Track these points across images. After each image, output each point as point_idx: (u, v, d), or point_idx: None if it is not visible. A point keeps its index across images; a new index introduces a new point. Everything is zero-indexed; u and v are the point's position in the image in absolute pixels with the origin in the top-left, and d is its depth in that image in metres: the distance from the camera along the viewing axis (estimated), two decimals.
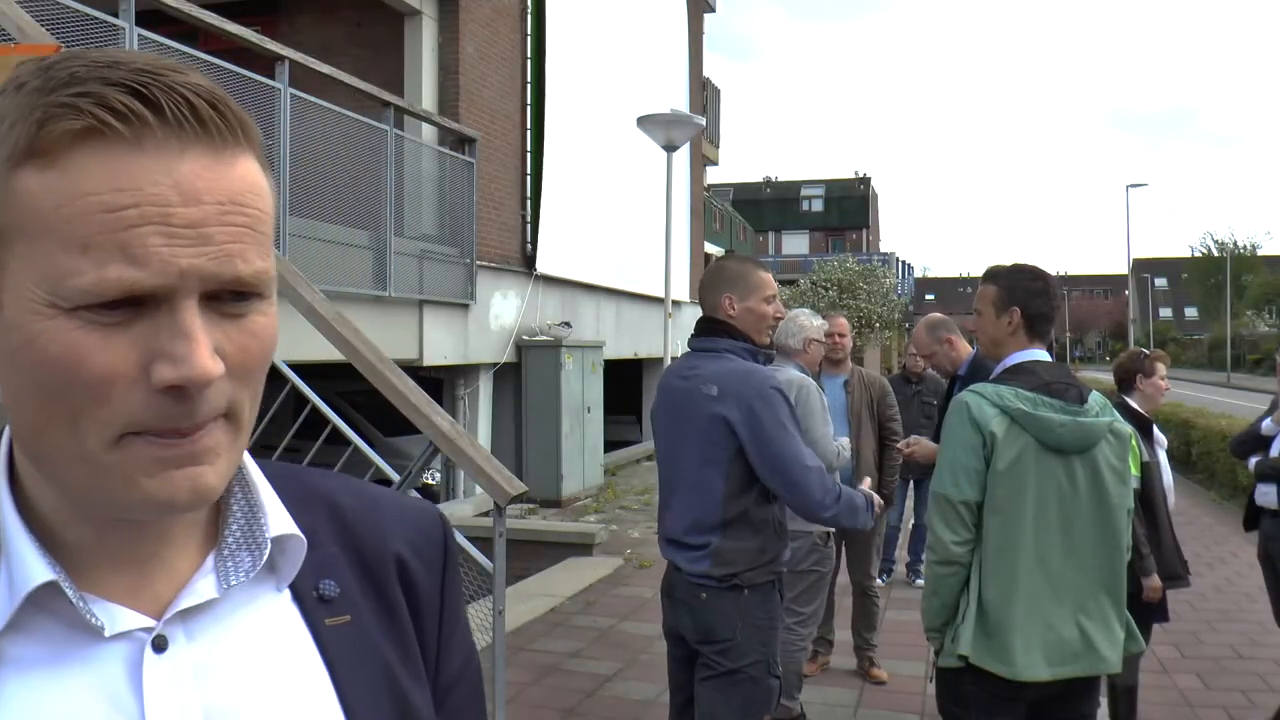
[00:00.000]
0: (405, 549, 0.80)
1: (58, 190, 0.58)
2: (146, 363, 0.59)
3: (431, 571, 0.81)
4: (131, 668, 0.64)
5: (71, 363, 0.58)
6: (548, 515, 10.56)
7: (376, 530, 0.79)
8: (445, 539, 0.84)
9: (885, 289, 32.72)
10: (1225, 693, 5.46)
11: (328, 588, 0.75)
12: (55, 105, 0.58)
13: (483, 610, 5.63)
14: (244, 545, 0.71)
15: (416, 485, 3.78)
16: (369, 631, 0.75)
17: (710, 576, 3.03)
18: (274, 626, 0.72)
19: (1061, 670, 2.72)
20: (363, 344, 3.82)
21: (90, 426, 0.60)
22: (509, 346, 11.38)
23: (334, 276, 7.73)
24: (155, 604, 0.67)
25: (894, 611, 6.70)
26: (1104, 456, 2.77)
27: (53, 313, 0.58)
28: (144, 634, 0.65)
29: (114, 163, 0.58)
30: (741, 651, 3.00)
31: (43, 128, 0.58)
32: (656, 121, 9.28)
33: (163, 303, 0.59)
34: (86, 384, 0.59)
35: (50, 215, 0.58)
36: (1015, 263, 3.06)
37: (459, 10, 10.65)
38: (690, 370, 3.16)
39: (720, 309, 3.16)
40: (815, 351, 4.76)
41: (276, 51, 7.33)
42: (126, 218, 0.58)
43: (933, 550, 2.81)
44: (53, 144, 0.58)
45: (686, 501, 3.11)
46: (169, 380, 0.59)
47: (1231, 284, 57.65)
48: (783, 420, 2.98)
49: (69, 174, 0.58)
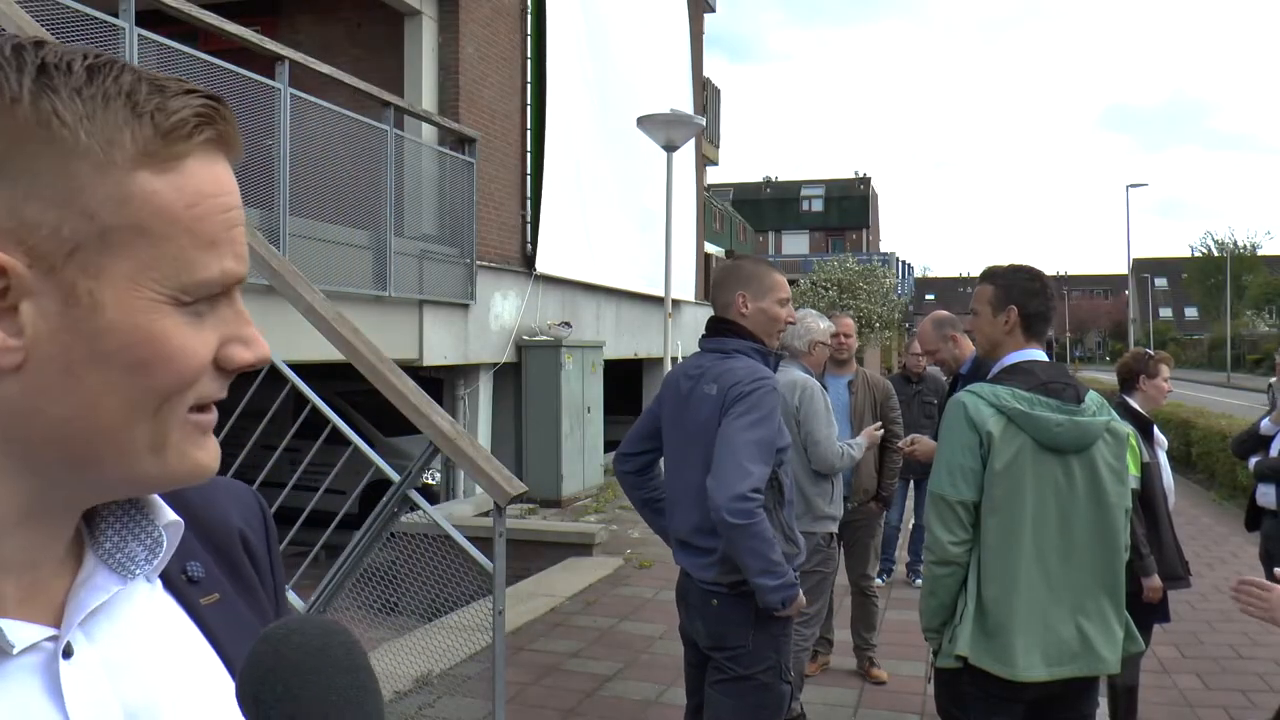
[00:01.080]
0: (242, 524, 0.84)
1: (185, 192, 0.62)
2: (219, 347, 0.65)
3: (261, 541, 0.85)
4: (45, 679, 0.63)
5: (190, 352, 0.63)
6: (548, 515, 10.56)
7: (217, 510, 0.82)
8: (263, 510, 0.88)
9: (885, 289, 32.73)
10: (1225, 693, 5.46)
11: (194, 569, 0.76)
12: (188, 113, 0.62)
13: (483, 610, 5.64)
14: (130, 537, 0.71)
15: (416, 485, 3.78)
16: (236, 606, 0.78)
17: (719, 584, 3.00)
18: (156, 614, 0.72)
19: (1059, 670, 2.72)
20: (363, 344, 3.82)
21: (174, 412, 0.64)
22: (509, 346, 11.37)
23: (334, 276, 7.72)
24: (49, 610, 0.66)
25: (894, 612, 6.71)
26: (1101, 456, 2.78)
27: (170, 309, 0.62)
28: (49, 644, 0.64)
29: (214, 170, 0.64)
30: (754, 658, 2.98)
31: (169, 134, 0.62)
32: (657, 121, 9.28)
33: (221, 295, 0.66)
34: (194, 373, 0.64)
35: (182, 215, 0.62)
36: (1012, 263, 3.06)
37: (459, 10, 10.65)
38: (696, 369, 3.14)
39: (733, 307, 3.13)
40: (820, 354, 4.77)
41: (276, 52, 7.33)
42: (233, 218, 0.65)
43: (930, 551, 2.81)
44: (178, 151, 0.62)
45: (691, 504, 3.08)
46: (247, 362, 0.67)
47: (1231, 284, 57.66)
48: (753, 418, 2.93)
49: (190, 177, 0.63)
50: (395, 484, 3.74)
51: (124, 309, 0.60)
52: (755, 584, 2.90)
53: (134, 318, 0.61)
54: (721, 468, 2.89)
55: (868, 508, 5.47)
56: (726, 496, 2.85)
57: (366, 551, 3.77)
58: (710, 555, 3.01)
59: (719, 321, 3.17)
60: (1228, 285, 56.00)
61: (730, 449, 2.90)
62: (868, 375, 5.55)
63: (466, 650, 5.77)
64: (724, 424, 2.94)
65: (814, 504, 4.56)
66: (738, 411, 2.93)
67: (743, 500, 2.84)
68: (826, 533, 4.63)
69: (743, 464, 2.88)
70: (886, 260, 49.42)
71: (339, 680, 0.61)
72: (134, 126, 0.60)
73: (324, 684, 0.60)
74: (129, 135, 0.60)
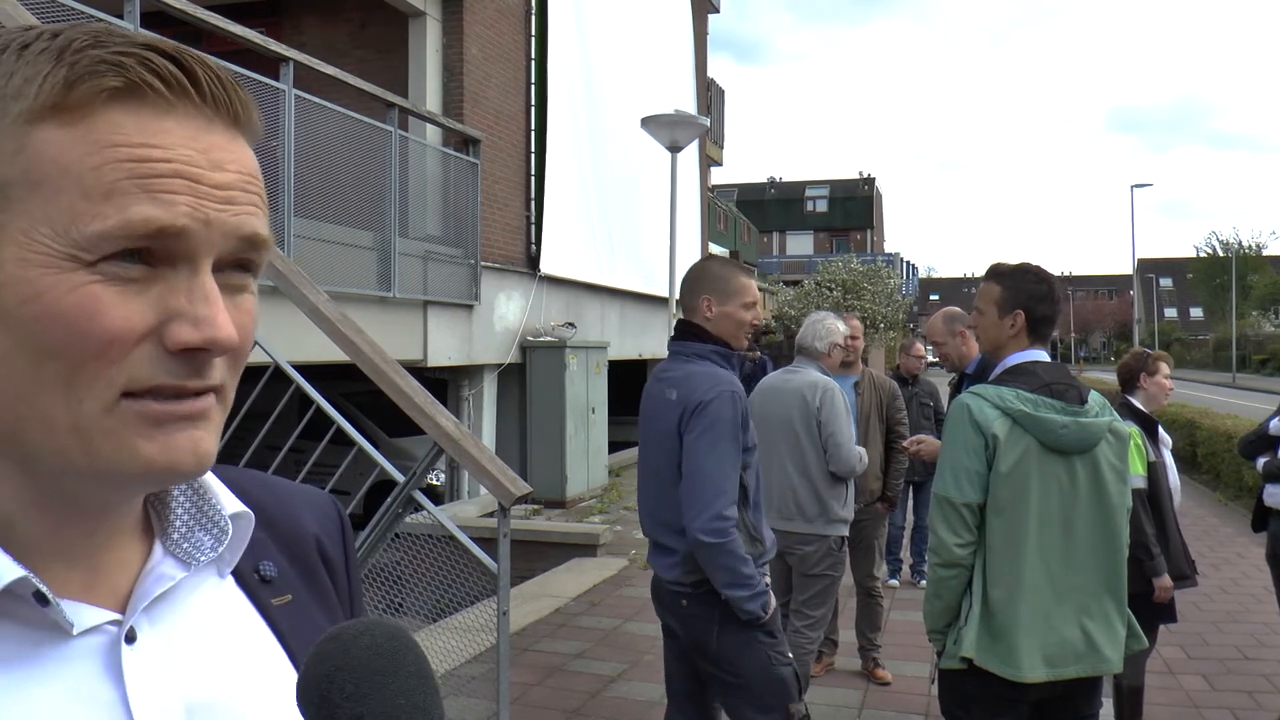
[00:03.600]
0: (318, 530, 0.83)
1: (86, 140, 0.58)
2: (161, 324, 0.59)
3: (337, 548, 0.84)
4: (106, 663, 0.63)
5: (86, 316, 0.57)
6: (552, 516, 10.56)
7: (292, 514, 0.81)
8: (340, 518, 0.87)
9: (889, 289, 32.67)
10: (1231, 694, 5.44)
11: (267, 569, 0.76)
12: (96, 62, 0.58)
13: (487, 611, 5.64)
14: (197, 526, 0.71)
15: (421, 486, 3.78)
16: (309, 609, 0.77)
17: (683, 584, 3.02)
18: (225, 610, 0.71)
19: (1064, 671, 2.72)
20: (367, 345, 3.82)
21: (90, 387, 0.58)
22: (513, 347, 11.38)
23: (338, 277, 7.73)
24: (114, 597, 0.66)
25: (898, 612, 6.70)
26: (1105, 456, 2.77)
27: (72, 265, 0.57)
28: (111, 628, 0.64)
29: (148, 122, 0.59)
30: (730, 654, 2.99)
31: (74, 85, 0.58)
32: (661, 122, 9.27)
33: (181, 264, 0.59)
34: (99, 340, 0.58)
35: (75, 165, 0.57)
36: (1019, 262, 3.04)
37: (463, 11, 10.66)
38: (663, 373, 3.14)
39: (698, 311, 3.12)
40: (837, 356, 4.76)
41: (281, 53, 7.34)
42: (157, 168, 0.58)
43: (935, 553, 2.80)
44: (86, 100, 0.58)
45: (655, 505, 3.11)
46: (189, 342, 0.59)
47: (1237, 284, 57.54)
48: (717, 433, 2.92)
49: (99, 129, 0.58)
50: (400, 485, 3.74)
51: (20, 264, 0.57)
52: (727, 595, 2.92)
53: (26, 272, 0.57)
54: (694, 490, 2.91)
55: (873, 509, 5.46)
56: (702, 518, 2.87)
57: (371, 552, 3.77)
58: (674, 555, 3.03)
59: (684, 324, 3.16)
60: (1233, 285, 55.86)
61: (700, 471, 2.91)
62: (874, 376, 5.55)
63: (471, 651, 5.77)
64: (687, 442, 2.95)
65: (829, 507, 4.54)
66: (699, 429, 2.93)
67: (718, 520, 2.87)
68: (839, 536, 4.60)
69: (714, 483, 2.90)
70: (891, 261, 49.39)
71: (409, 684, 0.60)
72: (47, 78, 0.58)
73: (394, 687, 0.59)
74: (37, 87, 0.57)
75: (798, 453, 4.52)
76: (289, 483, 0.86)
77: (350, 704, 0.58)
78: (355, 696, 0.58)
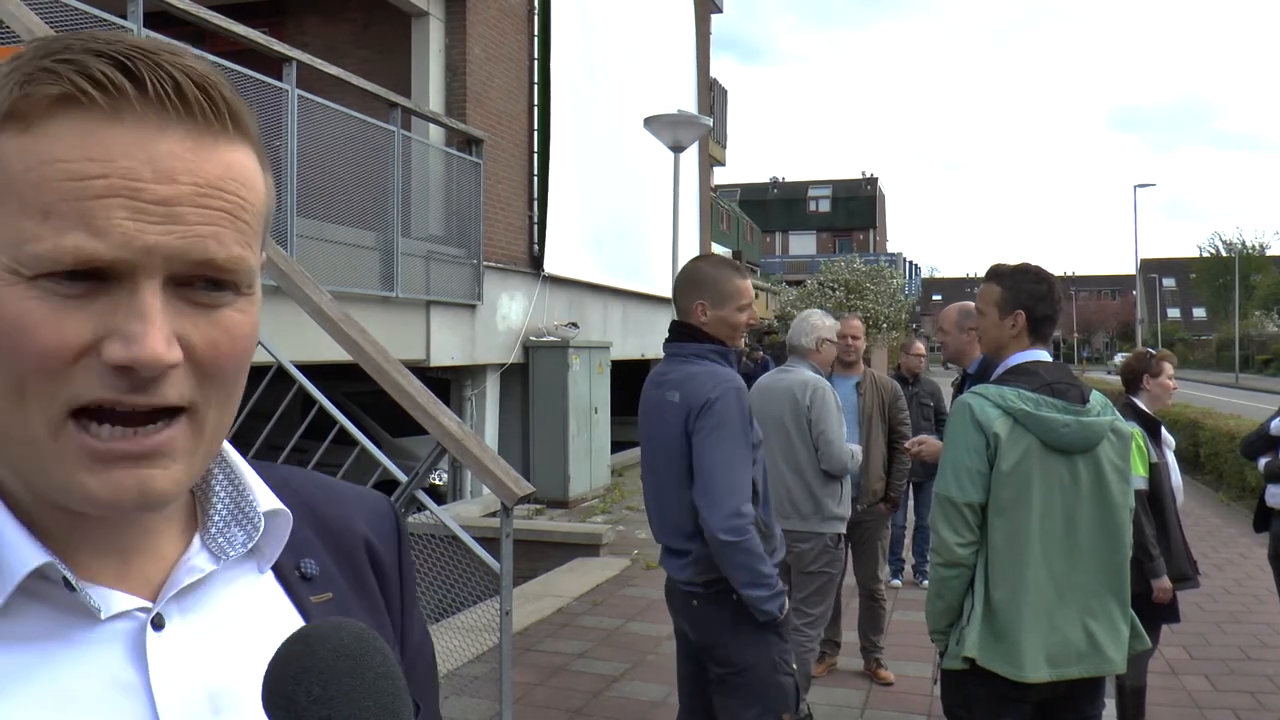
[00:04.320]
0: (369, 532, 0.82)
1: (29, 154, 0.57)
2: (100, 339, 0.58)
3: (391, 553, 0.84)
4: (132, 647, 0.64)
5: (20, 330, 0.57)
6: (554, 516, 10.56)
7: (343, 514, 0.81)
8: (397, 522, 0.87)
9: (892, 289, 32.68)
10: (1234, 694, 5.44)
11: (309, 566, 0.76)
12: (38, 69, 0.57)
13: (490, 611, 5.64)
14: (233, 522, 0.72)
15: (424, 486, 3.78)
16: (350, 609, 0.76)
17: (695, 583, 3.00)
18: (261, 604, 0.72)
19: (1066, 671, 2.72)
20: (370, 345, 3.83)
21: (36, 402, 0.58)
22: (516, 347, 11.38)
23: (341, 277, 7.74)
24: (145, 586, 0.67)
25: (900, 613, 6.70)
26: (1106, 456, 2.78)
27: (12, 279, 0.57)
28: (140, 614, 0.65)
29: (88, 132, 0.57)
30: (741, 655, 2.97)
31: (22, 91, 0.57)
32: (664, 122, 9.27)
33: (125, 280, 0.58)
34: (34, 354, 0.57)
35: (18, 179, 0.57)
36: (1019, 263, 3.04)
37: (466, 11, 10.67)
38: (661, 376, 3.11)
39: (692, 315, 3.09)
40: (827, 351, 4.75)
41: (284, 53, 7.35)
42: (92, 187, 0.56)
43: (937, 553, 2.80)
44: (30, 108, 0.57)
45: (664, 508, 3.10)
46: (117, 359, 0.57)
47: (1240, 284, 57.46)
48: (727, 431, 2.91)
49: (42, 140, 0.57)
50: (402, 484, 3.75)
51: None
52: (745, 595, 2.90)
53: None
54: (709, 489, 2.89)
55: (876, 509, 5.46)
56: (720, 516, 2.85)
57: None
58: (686, 556, 3.01)
59: (679, 325, 3.13)
60: (1236, 285, 55.77)
61: (713, 469, 2.89)
62: (875, 376, 5.54)
63: (473, 651, 5.78)
64: (696, 441, 2.93)
65: (823, 505, 4.55)
66: (707, 427, 2.91)
67: (735, 517, 2.85)
68: (835, 534, 4.62)
69: (728, 480, 2.88)
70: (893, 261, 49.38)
71: (376, 686, 0.60)
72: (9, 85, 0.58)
73: (361, 688, 0.59)
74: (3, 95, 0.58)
75: (790, 451, 4.54)
76: (346, 484, 0.86)
77: (317, 706, 0.58)
78: (322, 699, 0.58)
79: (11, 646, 0.61)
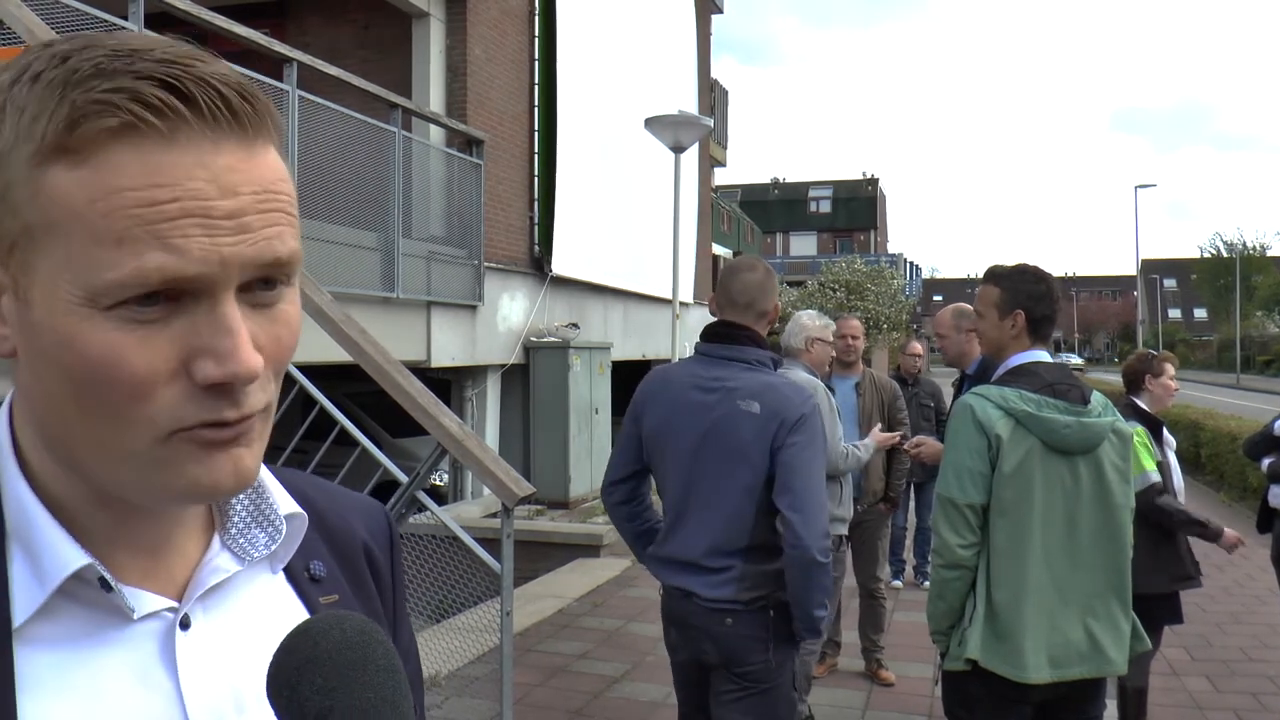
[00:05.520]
0: (368, 538, 0.85)
1: (92, 186, 0.57)
2: (186, 360, 0.59)
3: (386, 559, 0.87)
4: (161, 647, 0.67)
5: (110, 363, 0.58)
6: (555, 516, 10.56)
7: (344, 519, 0.84)
8: (390, 528, 0.89)
9: (893, 290, 32.71)
10: (1235, 695, 5.43)
11: (317, 568, 0.78)
12: (89, 102, 0.57)
13: (490, 611, 5.64)
14: (254, 524, 0.74)
15: (424, 486, 3.78)
16: (353, 609, 0.78)
17: (737, 601, 2.84)
18: (276, 604, 0.75)
19: (1068, 672, 2.72)
20: (370, 345, 3.83)
21: (135, 425, 0.60)
22: (517, 348, 11.38)
23: (342, 278, 7.74)
24: (171, 585, 0.69)
25: (901, 613, 6.70)
26: (1108, 457, 2.78)
27: (88, 312, 0.57)
28: (168, 614, 0.67)
29: (149, 158, 0.57)
30: (776, 671, 2.88)
31: (76, 126, 0.57)
32: (664, 123, 9.27)
33: (201, 297, 0.59)
34: (126, 384, 0.58)
35: (84, 211, 0.57)
36: (1017, 263, 3.03)
37: (467, 12, 10.67)
38: (716, 382, 2.91)
39: (766, 316, 3.00)
40: (819, 351, 4.71)
41: (285, 54, 7.35)
42: (165, 211, 0.57)
43: (938, 554, 2.80)
44: (86, 142, 0.57)
45: (706, 523, 2.89)
46: (214, 378, 0.59)
47: (1241, 285, 57.45)
48: (819, 448, 2.84)
49: (102, 171, 0.57)
50: (403, 485, 3.75)
51: (47, 310, 0.58)
52: (813, 615, 2.81)
53: (54, 319, 0.58)
54: (806, 507, 2.76)
55: (876, 509, 5.46)
56: (816, 535, 2.73)
57: None
58: (725, 573, 2.85)
59: (734, 327, 2.96)
60: (1237, 286, 55.78)
61: (809, 486, 2.78)
62: (875, 377, 5.54)
63: (474, 651, 5.78)
64: (788, 455, 2.79)
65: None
66: (802, 442, 2.79)
67: (826, 537, 2.77)
68: (836, 535, 4.61)
69: (822, 500, 2.81)
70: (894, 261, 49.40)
71: (378, 678, 0.61)
72: (50, 117, 0.57)
73: (363, 680, 0.60)
74: (43, 127, 0.57)
75: None
76: (344, 489, 0.89)
77: (320, 697, 0.59)
78: (324, 690, 0.59)
79: (50, 646, 0.63)
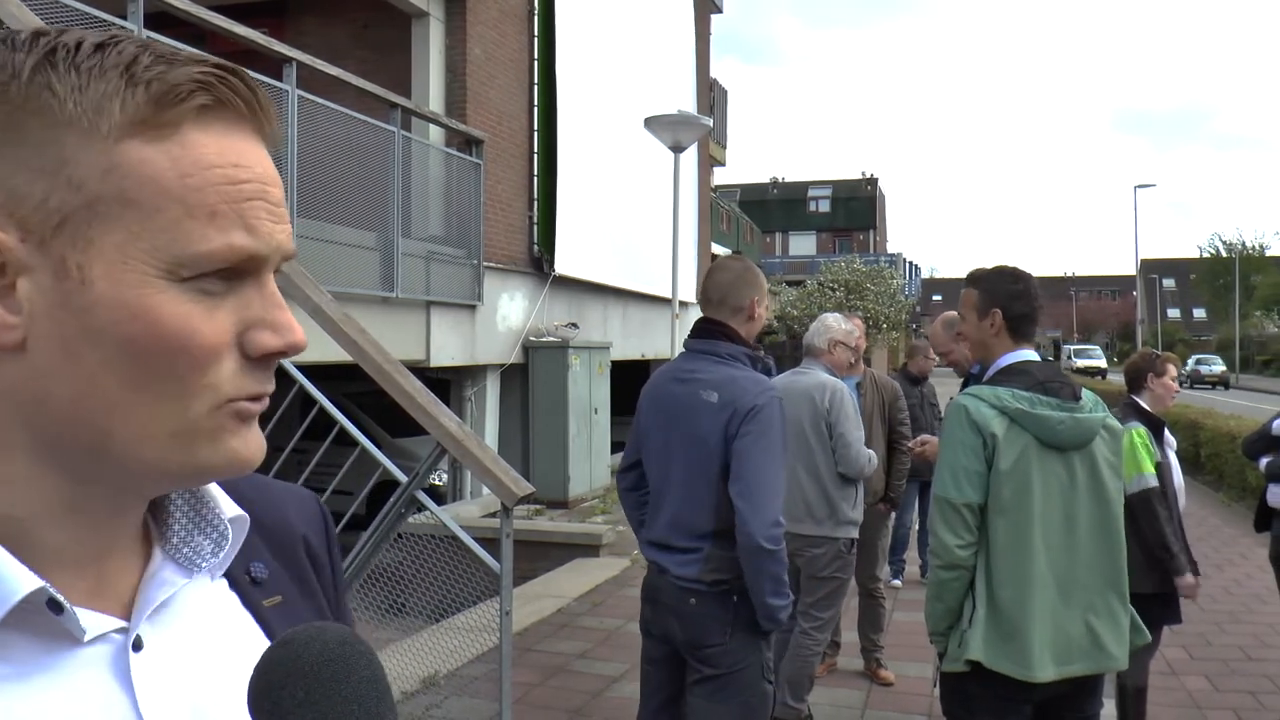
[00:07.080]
0: (305, 529, 0.83)
1: (184, 161, 0.59)
2: (240, 334, 0.62)
3: (323, 548, 0.85)
4: (115, 670, 0.63)
5: (185, 333, 0.60)
6: (554, 516, 10.57)
7: (278, 512, 0.82)
8: (324, 515, 0.88)
9: (892, 290, 32.72)
10: (1234, 694, 5.44)
11: (258, 570, 0.76)
12: (186, 79, 0.60)
13: (489, 611, 5.64)
14: (196, 530, 0.71)
15: (424, 486, 3.78)
16: (299, 609, 0.77)
17: (700, 581, 2.96)
18: (220, 613, 0.72)
19: (1070, 669, 2.73)
20: (370, 345, 3.83)
21: (197, 397, 0.61)
22: (516, 347, 11.39)
23: (341, 278, 7.74)
24: (118, 603, 0.66)
25: (900, 613, 6.70)
26: (1100, 452, 2.81)
27: (165, 284, 0.59)
28: (117, 635, 0.64)
29: (227, 140, 0.61)
30: (734, 657, 2.93)
31: (164, 103, 0.59)
32: (663, 122, 9.27)
33: (252, 276, 0.63)
34: (197, 353, 0.60)
35: (175, 185, 0.59)
36: (996, 265, 3.07)
37: (466, 12, 10.67)
38: (688, 374, 3.05)
39: (744, 311, 3.06)
40: (841, 354, 4.71)
41: (284, 53, 7.35)
42: (245, 190, 0.61)
43: (936, 555, 2.81)
44: (176, 118, 0.59)
45: (677, 507, 3.03)
46: (272, 348, 0.63)
47: (1240, 285, 57.48)
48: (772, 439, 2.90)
49: (191, 147, 0.60)
50: (402, 485, 3.75)
51: (113, 283, 0.58)
52: (767, 603, 2.88)
53: (122, 292, 0.58)
54: (754, 495, 2.85)
55: (876, 509, 5.46)
56: (763, 523, 2.82)
57: (374, 552, 3.77)
58: (694, 553, 2.97)
59: (710, 323, 3.08)
60: (1236, 286, 55.81)
61: (758, 476, 2.86)
62: (876, 376, 5.54)
63: (473, 651, 5.78)
64: (741, 445, 2.88)
65: (839, 509, 4.52)
66: (754, 432, 2.87)
67: (776, 526, 2.84)
68: (848, 538, 4.59)
69: (773, 489, 2.87)
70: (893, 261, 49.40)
71: (361, 690, 0.60)
72: (126, 94, 0.58)
73: (345, 693, 0.59)
74: (119, 103, 0.58)
75: (806, 454, 4.50)
76: (275, 481, 0.87)
77: (302, 710, 0.58)
78: (306, 703, 0.58)
79: None
